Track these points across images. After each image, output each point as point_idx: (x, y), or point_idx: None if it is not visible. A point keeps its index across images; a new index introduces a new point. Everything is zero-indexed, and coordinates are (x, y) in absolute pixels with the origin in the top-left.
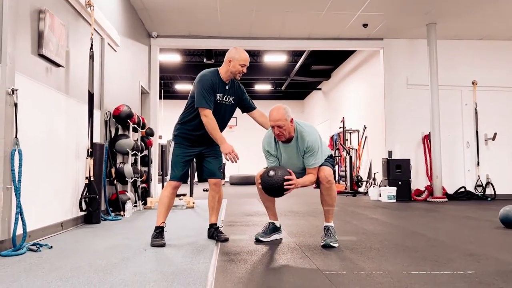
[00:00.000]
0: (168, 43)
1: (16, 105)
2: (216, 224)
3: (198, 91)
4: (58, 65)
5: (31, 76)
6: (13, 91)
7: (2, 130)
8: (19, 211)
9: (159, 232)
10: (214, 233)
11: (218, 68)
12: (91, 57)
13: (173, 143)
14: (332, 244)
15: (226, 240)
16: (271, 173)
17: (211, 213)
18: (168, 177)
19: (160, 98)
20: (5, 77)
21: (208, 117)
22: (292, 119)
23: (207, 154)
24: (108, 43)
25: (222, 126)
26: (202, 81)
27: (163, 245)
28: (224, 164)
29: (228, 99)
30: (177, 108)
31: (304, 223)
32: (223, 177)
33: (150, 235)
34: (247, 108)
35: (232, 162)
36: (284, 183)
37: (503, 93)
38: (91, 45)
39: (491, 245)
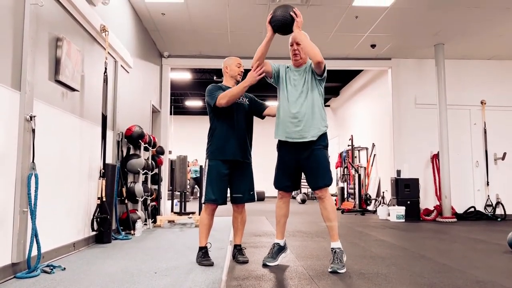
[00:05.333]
0: (179, 62)
1: (33, 131)
2: (240, 245)
3: (208, 96)
4: (73, 89)
5: (48, 102)
6: (31, 117)
7: (20, 155)
8: (34, 234)
9: (204, 252)
10: (236, 254)
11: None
12: (105, 80)
13: (207, 161)
14: (338, 271)
15: (245, 262)
16: (278, 12)
17: (235, 234)
18: (203, 198)
19: (170, 113)
20: (24, 104)
21: (221, 96)
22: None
23: (236, 176)
24: (121, 65)
25: (243, 130)
26: (208, 89)
27: (212, 265)
28: None
29: (242, 99)
30: (187, 123)
31: (312, 245)
32: (253, 199)
33: (161, 257)
34: (262, 107)
35: (259, 75)
36: (291, 13)
37: None
38: (105, 68)
39: (498, 272)
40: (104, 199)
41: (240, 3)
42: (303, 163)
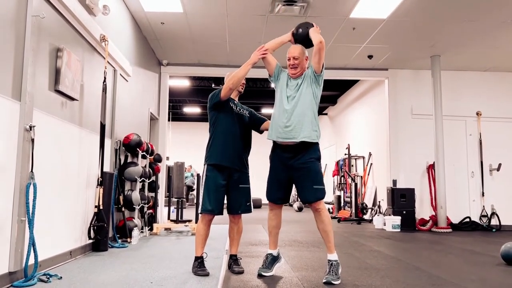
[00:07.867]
0: (178, 70)
1: (33, 140)
2: (235, 255)
3: (211, 98)
4: (72, 99)
5: (48, 111)
6: (30, 127)
7: (19, 164)
8: (32, 243)
9: (200, 262)
10: (231, 264)
11: None
12: (104, 89)
13: (205, 167)
14: (333, 282)
15: (241, 272)
16: (301, 29)
17: (230, 244)
18: (199, 208)
19: (168, 120)
20: (23, 114)
21: (226, 83)
22: (307, 57)
23: (233, 186)
24: (120, 74)
25: (242, 141)
26: (211, 94)
27: (207, 275)
28: None
29: (243, 111)
30: (185, 130)
31: (308, 255)
32: (249, 210)
33: (157, 266)
34: (260, 121)
35: (261, 55)
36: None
37: (508, 124)
38: (104, 78)
39: (491, 285)
40: (101, 207)
41: (239, 13)
42: (294, 176)
